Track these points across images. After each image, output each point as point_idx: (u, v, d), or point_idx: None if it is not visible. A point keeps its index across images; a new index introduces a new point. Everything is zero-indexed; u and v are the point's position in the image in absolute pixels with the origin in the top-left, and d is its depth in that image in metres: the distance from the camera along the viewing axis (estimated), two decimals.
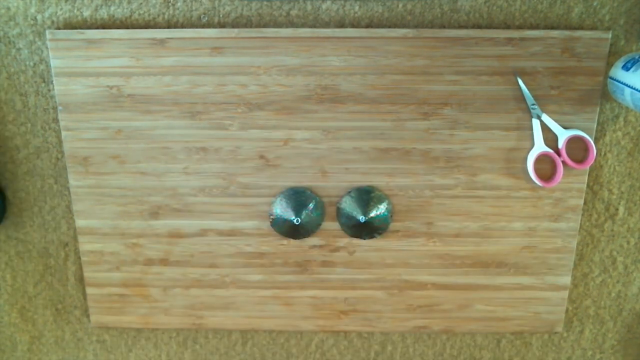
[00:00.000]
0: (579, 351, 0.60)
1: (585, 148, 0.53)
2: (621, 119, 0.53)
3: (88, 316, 0.60)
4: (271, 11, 0.51)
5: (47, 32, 0.51)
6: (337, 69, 0.51)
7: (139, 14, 0.51)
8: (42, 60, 0.52)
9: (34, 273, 0.59)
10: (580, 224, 0.56)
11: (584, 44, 0.50)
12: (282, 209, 0.52)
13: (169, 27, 0.52)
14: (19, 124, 0.54)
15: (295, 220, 0.52)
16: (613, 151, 0.54)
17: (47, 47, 0.52)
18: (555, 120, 0.52)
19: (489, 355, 0.61)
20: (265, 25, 0.51)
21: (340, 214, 0.53)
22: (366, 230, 0.53)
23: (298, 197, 0.52)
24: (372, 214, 0.52)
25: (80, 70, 0.51)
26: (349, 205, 0.52)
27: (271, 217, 0.53)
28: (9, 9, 0.51)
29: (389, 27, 0.51)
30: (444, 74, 0.51)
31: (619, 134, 0.53)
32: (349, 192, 0.52)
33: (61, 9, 0.51)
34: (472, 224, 0.55)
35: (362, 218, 0.52)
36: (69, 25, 0.52)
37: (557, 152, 0.52)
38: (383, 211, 0.52)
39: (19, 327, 0.61)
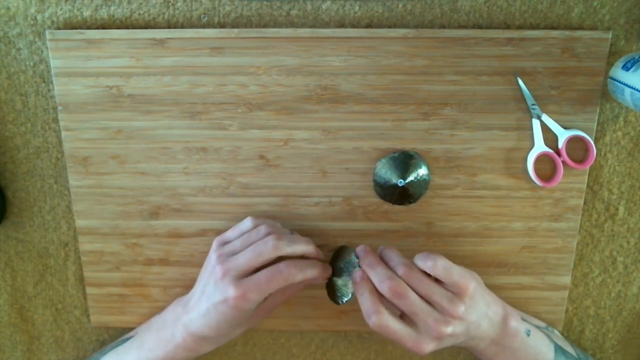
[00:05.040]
0: None
1: (585, 148, 0.53)
2: (621, 119, 0.53)
3: (88, 316, 0.60)
4: (271, 11, 0.51)
5: (47, 32, 0.51)
6: (337, 69, 0.51)
7: (139, 14, 0.51)
8: (42, 60, 0.52)
9: (34, 273, 0.59)
10: (580, 224, 0.56)
11: (584, 44, 0.50)
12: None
13: (169, 27, 0.52)
14: (19, 124, 0.54)
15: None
16: (613, 151, 0.54)
17: (47, 47, 0.52)
18: (555, 120, 0.52)
19: None
20: (265, 25, 0.51)
21: (377, 175, 0.52)
22: (400, 195, 0.53)
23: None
24: (411, 178, 0.52)
25: (80, 70, 0.51)
26: (388, 168, 0.51)
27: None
28: (9, 9, 0.51)
29: (389, 27, 0.51)
30: (444, 74, 0.51)
31: (619, 134, 0.53)
32: (394, 153, 0.52)
33: (61, 9, 0.51)
34: (471, 224, 0.55)
35: (400, 182, 0.51)
36: (69, 25, 0.52)
37: (557, 152, 0.52)
38: (423, 175, 0.52)
39: (18, 327, 0.61)
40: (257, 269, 0.47)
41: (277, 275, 0.47)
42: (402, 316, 0.48)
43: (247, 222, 0.51)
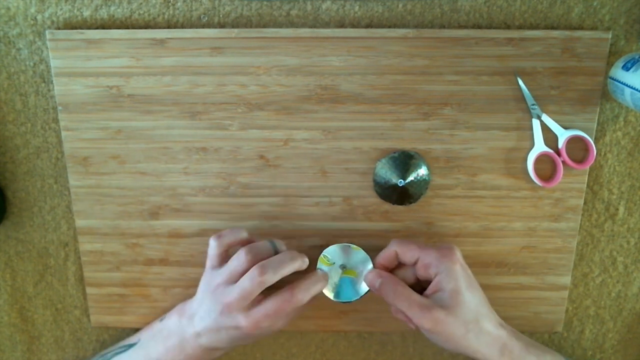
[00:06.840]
0: (579, 351, 0.60)
1: (585, 148, 0.53)
2: (621, 119, 0.53)
3: (88, 316, 0.60)
4: (271, 11, 0.51)
5: (47, 32, 0.51)
6: (337, 69, 0.51)
7: (139, 14, 0.51)
8: (42, 60, 0.52)
9: (34, 273, 0.59)
10: (580, 224, 0.56)
11: (584, 44, 0.50)
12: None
13: (169, 27, 0.52)
14: (19, 124, 0.54)
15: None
16: (613, 151, 0.54)
17: (47, 47, 0.52)
18: (555, 120, 0.52)
19: None
20: (265, 25, 0.51)
21: (376, 175, 0.53)
22: (400, 195, 0.53)
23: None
24: (411, 178, 0.52)
25: (80, 70, 0.51)
26: (388, 168, 0.52)
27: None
28: (9, 9, 0.51)
29: (389, 27, 0.51)
30: (444, 74, 0.51)
31: (619, 134, 0.53)
32: (394, 153, 0.52)
33: (61, 9, 0.51)
34: (472, 224, 0.55)
35: (400, 182, 0.51)
36: (69, 25, 0.52)
37: (557, 152, 0.52)
38: (423, 175, 0.52)
39: (18, 327, 0.61)
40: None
41: (284, 304, 0.48)
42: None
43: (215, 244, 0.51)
